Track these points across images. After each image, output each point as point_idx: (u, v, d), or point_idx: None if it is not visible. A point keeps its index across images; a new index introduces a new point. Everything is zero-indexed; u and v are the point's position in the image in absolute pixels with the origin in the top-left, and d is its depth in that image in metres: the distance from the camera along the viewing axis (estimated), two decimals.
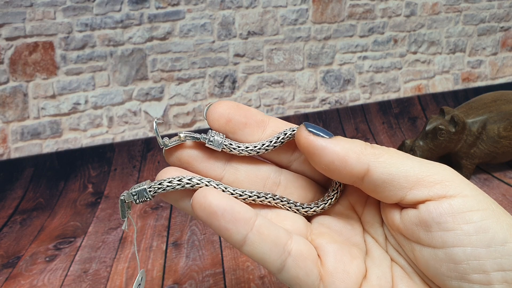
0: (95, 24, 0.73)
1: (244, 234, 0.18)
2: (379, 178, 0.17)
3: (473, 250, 0.15)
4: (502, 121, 0.57)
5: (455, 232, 0.16)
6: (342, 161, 0.17)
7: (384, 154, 0.18)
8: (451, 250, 0.16)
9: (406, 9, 0.87)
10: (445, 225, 0.16)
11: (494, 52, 0.95)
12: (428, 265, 0.17)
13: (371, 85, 0.89)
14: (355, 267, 0.19)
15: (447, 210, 0.16)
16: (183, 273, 0.44)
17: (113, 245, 0.50)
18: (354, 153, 0.17)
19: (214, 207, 0.18)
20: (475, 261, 0.15)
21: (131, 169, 0.73)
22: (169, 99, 0.80)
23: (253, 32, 0.81)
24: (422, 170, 0.17)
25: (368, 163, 0.17)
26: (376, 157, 0.17)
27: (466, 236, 0.16)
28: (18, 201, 0.64)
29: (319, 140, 0.18)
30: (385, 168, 0.17)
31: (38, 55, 0.72)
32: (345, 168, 0.18)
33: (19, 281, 0.45)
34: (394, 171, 0.17)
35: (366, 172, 0.17)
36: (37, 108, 0.73)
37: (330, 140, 0.18)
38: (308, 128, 0.18)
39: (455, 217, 0.16)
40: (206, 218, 0.18)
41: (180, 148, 0.21)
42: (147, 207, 0.60)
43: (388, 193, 0.18)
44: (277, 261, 0.18)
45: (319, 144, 0.18)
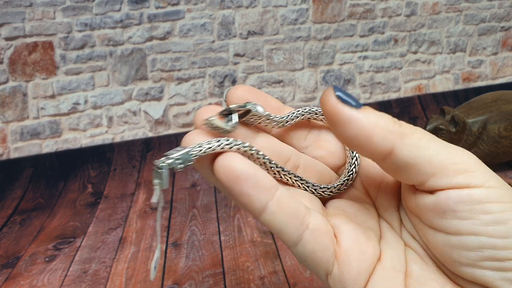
0: (95, 24, 0.73)
1: (265, 202, 0.18)
2: (402, 160, 0.17)
3: (489, 239, 0.15)
4: (503, 121, 0.57)
5: (471, 221, 0.16)
6: (367, 138, 0.17)
7: (411, 135, 0.17)
8: (465, 238, 0.16)
9: (407, 8, 0.87)
10: (461, 213, 0.16)
11: (494, 52, 0.95)
12: (440, 250, 0.17)
13: (372, 85, 0.89)
14: (371, 248, 0.18)
15: (466, 199, 0.16)
16: (183, 273, 0.44)
17: (112, 245, 0.50)
18: (381, 130, 0.17)
19: (238, 171, 0.17)
20: (490, 250, 0.15)
21: (131, 169, 0.73)
22: (169, 99, 0.80)
23: (253, 32, 0.81)
24: (447, 157, 0.16)
25: (394, 143, 0.17)
26: (403, 137, 0.17)
27: (482, 226, 0.15)
28: (18, 201, 0.64)
29: (346, 110, 0.17)
30: (409, 151, 0.17)
31: (37, 55, 0.72)
32: (369, 145, 0.17)
33: (18, 281, 0.45)
34: (418, 155, 0.16)
35: (390, 152, 0.17)
36: (36, 108, 0.73)
37: (358, 111, 0.17)
38: (337, 93, 0.17)
39: (473, 206, 0.16)
40: (229, 182, 0.17)
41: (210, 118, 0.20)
42: (147, 207, 0.60)
43: (409, 175, 0.17)
44: (295, 233, 0.18)
45: (346, 115, 0.17)
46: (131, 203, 0.61)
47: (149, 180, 0.69)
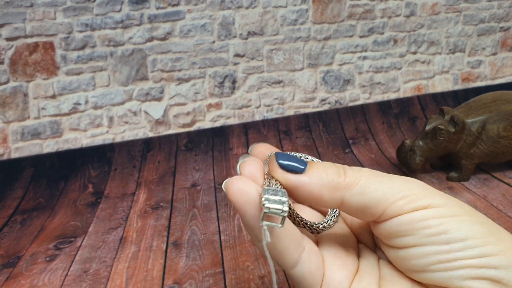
0: (95, 24, 0.73)
1: None
2: (353, 208, 0.20)
3: (432, 247, 0.18)
4: (502, 121, 0.57)
5: (413, 236, 0.18)
6: (317, 199, 0.20)
7: (356, 184, 0.19)
8: (411, 250, 0.19)
9: (406, 9, 0.87)
10: (403, 232, 0.19)
11: (493, 52, 0.95)
12: (395, 262, 0.20)
13: (371, 85, 0.89)
14: (350, 260, 0.22)
15: (406, 221, 0.19)
16: (183, 273, 0.44)
17: (113, 245, 0.50)
18: (327, 189, 0.19)
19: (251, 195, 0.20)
20: (435, 256, 0.18)
21: (131, 169, 0.73)
22: (169, 99, 0.80)
23: (253, 32, 0.81)
24: (392, 191, 0.19)
25: (342, 197, 0.19)
26: (348, 189, 0.19)
27: (425, 238, 0.18)
28: (19, 201, 0.64)
29: (292, 178, 0.19)
30: (357, 200, 0.19)
31: (38, 55, 0.72)
32: (321, 203, 0.20)
33: (19, 281, 0.45)
34: (365, 201, 0.19)
35: (341, 204, 0.20)
36: (37, 108, 0.73)
37: (303, 176, 0.19)
38: (279, 161, 0.20)
39: (413, 225, 0.18)
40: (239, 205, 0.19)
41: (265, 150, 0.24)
42: (147, 207, 0.60)
43: (364, 217, 0.20)
44: (295, 254, 0.20)
45: (293, 183, 0.19)
46: (132, 203, 0.61)
47: (149, 180, 0.69)
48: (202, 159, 0.75)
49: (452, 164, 0.61)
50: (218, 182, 0.67)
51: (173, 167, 0.73)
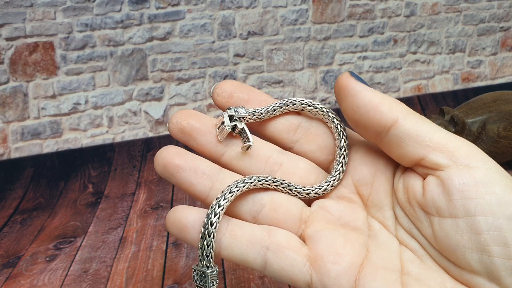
0: (95, 24, 0.73)
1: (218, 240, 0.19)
2: (405, 131, 0.17)
3: (495, 220, 0.15)
4: (502, 121, 0.57)
5: (477, 200, 0.16)
6: (374, 106, 0.18)
7: (415, 114, 0.18)
8: (473, 219, 0.16)
9: (406, 9, 0.87)
10: (467, 193, 0.16)
11: (493, 52, 0.95)
12: (448, 238, 0.17)
13: (371, 85, 0.89)
14: (349, 249, 0.18)
15: (469, 179, 0.16)
16: (183, 273, 0.44)
17: (113, 245, 0.50)
18: (388, 102, 0.18)
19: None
20: (496, 232, 0.15)
21: (131, 169, 0.73)
22: (169, 99, 0.80)
23: (253, 32, 0.81)
24: (448, 136, 0.17)
25: (399, 115, 0.17)
26: (407, 112, 0.18)
27: (488, 206, 0.15)
28: (18, 201, 0.64)
29: (359, 84, 0.18)
30: (413, 124, 0.17)
31: (38, 55, 0.72)
32: (375, 114, 0.18)
33: (19, 281, 0.45)
34: (420, 128, 0.17)
35: (395, 123, 0.17)
36: (37, 108, 0.73)
37: (368, 87, 0.18)
38: (352, 75, 0.19)
39: (478, 186, 0.16)
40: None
41: (186, 118, 0.21)
42: (147, 207, 0.60)
43: (410, 148, 0.17)
44: (258, 258, 0.19)
45: (358, 87, 0.18)
46: (132, 203, 0.61)
47: (149, 180, 0.69)
48: None
49: None
50: None
51: None
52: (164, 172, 0.20)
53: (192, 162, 0.20)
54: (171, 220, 0.20)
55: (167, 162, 0.20)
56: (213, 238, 0.18)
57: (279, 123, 0.22)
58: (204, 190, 0.20)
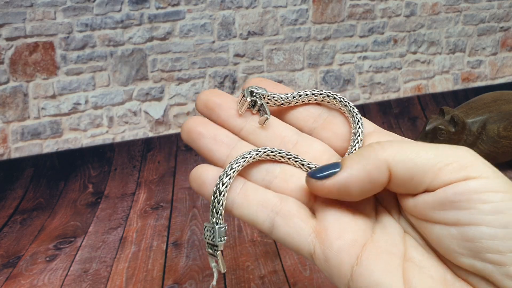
0: (95, 24, 0.73)
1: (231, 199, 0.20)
2: (400, 179, 0.17)
3: (489, 229, 0.15)
4: (502, 121, 0.57)
5: (470, 211, 0.16)
6: (367, 180, 0.17)
7: (399, 151, 0.17)
8: (464, 228, 0.16)
9: (406, 9, 0.87)
10: (459, 204, 0.16)
11: (494, 52, 0.95)
12: (440, 242, 0.17)
13: (371, 85, 0.89)
14: (354, 226, 0.19)
15: (463, 190, 0.16)
16: (183, 273, 0.44)
17: (113, 245, 0.50)
18: (372, 165, 0.17)
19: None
20: (490, 241, 0.15)
21: (131, 169, 0.73)
22: (169, 99, 0.80)
23: (253, 32, 0.81)
24: (439, 157, 0.17)
25: (387, 166, 0.17)
26: (393, 156, 0.17)
27: (481, 215, 0.15)
28: (19, 201, 0.64)
29: (333, 182, 0.18)
30: (404, 168, 0.17)
31: (38, 55, 0.72)
32: (371, 186, 0.18)
33: (19, 281, 0.45)
34: (413, 167, 0.17)
35: (388, 176, 0.17)
36: (37, 108, 0.73)
37: (342, 172, 0.18)
38: (315, 175, 0.18)
39: (471, 196, 0.16)
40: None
41: (210, 95, 0.23)
42: (147, 207, 0.60)
43: (412, 188, 0.17)
44: (266, 220, 0.19)
45: (338, 185, 0.18)
46: (132, 203, 0.61)
47: (149, 180, 0.69)
48: (202, 159, 0.75)
49: None
50: None
51: (173, 167, 0.73)
52: (187, 138, 0.22)
53: (213, 131, 0.22)
54: (193, 175, 0.21)
55: (191, 129, 0.22)
56: (223, 196, 0.20)
57: (299, 111, 0.24)
58: (221, 157, 0.22)
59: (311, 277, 0.42)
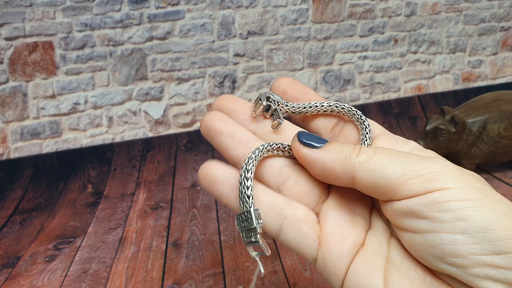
0: (95, 24, 0.73)
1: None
2: (364, 186, 0.19)
3: (449, 235, 0.16)
4: (502, 121, 0.57)
5: (431, 220, 0.17)
6: (331, 173, 0.19)
7: (368, 161, 0.19)
8: (426, 236, 0.17)
9: (406, 9, 0.87)
10: (420, 213, 0.17)
11: (494, 52, 0.95)
12: (410, 247, 0.18)
13: (371, 85, 0.89)
14: (355, 234, 0.20)
15: (424, 201, 0.17)
16: (183, 273, 0.44)
17: (112, 245, 0.50)
18: (340, 163, 0.19)
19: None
20: (450, 246, 0.16)
21: (131, 169, 0.73)
22: (169, 99, 0.80)
23: (253, 32, 0.81)
24: (404, 170, 0.18)
25: (353, 173, 0.19)
26: (360, 166, 0.19)
27: (441, 223, 0.16)
28: (18, 201, 0.64)
29: (309, 152, 0.20)
30: (368, 177, 0.18)
31: (37, 55, 0.72)
32: (334, 178, 0.20)
33: (18, 281, 0.45)
34: (376, 178, 0.18)
35: (352, 181, 0.19)
36: (36, 108, 0.73)
37: (319, 150, 0.20)
38: (300, 138, 0.20)
39: (431, 207, 0.17)
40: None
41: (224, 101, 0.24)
42: (147, 207, 0.60)
43: (376, 195, 0.19)
44: (274, 224, 0.20)
45: (309, 157, 0.20)
46: (131, 203, 0.61)
47: (149, 180, 0.69)
48: (202, 159, 0.75)
49: None
50: None
51: (172, 167, 0.73)
52: (206, 134, 0.23)
53: (231, 128, 0.22)
54: (203, 173, 0.21)
55: (210, 126, 0.22)
56: (251, 181, 0.20)
57: (320, 120, 0.25)
58: (237, 155, 0.22)
59: (311, 277, 0.42)
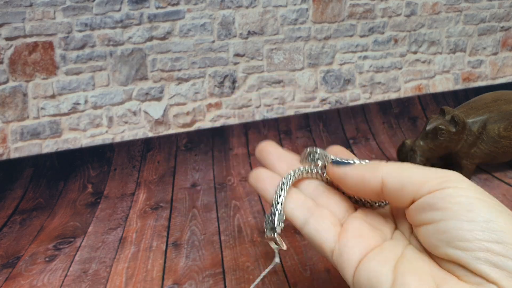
0: (95, 24, 0.73)
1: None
2: (392, 187, 0.22)
3: (457, 222, 0.19)
4: (503, 121, 0.57)
5: (443, 210, 0.20)
6: (361, 179, 0.23)
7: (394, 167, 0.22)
8: (439, 224, 0.20)
9: (406, 8, 0.87)
10: (436, 205, 0.20)
11: (494, 52, 0.95)
12: (424, 240, 0.21)
13: (371, 85, 0.89)
14: (371, 237, 0.23)
15: (439, 195, 0.20)
16: (183, 273, 0.44)
17: (112, 245, 0.50)
18: (368, 170, 0.23)
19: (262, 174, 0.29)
20: (459, 231, 0.19)
21: (131, 169, 0.73)
22: (169, 99, 0.80)
23: (253, 32, 0.81)
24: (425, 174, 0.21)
25: (381, 176, 0.22)
26: (389, 170, 0.22)
27: (452, 213, 0.19)
28: (18, 201, 0.64)
29: (342, 168, 0.24)
30: (396, 178, 0.22)
31: (37, 55, 0.72)
32: (364, 185, 0.23)
33: (18, 281, 0.45)
34: (404, 177, 0.22)
35: (382, 184, 0.22)
36: (36, 108, 0.73)
37: (350, 165, 0.24)
38: (334, 163, 0.25)
39: (445, 199, 0.20)
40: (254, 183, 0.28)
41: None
42: (147, 207, 0.60)
43: (403, 198, 0.22)
44: (301, 217, 0.25)
45: (342, 171, 0.24)
46: (131, 203, 0.61)
47: (149, 180, 0.69)
48: (202, 159, 0.75)
49: (453, 164, 0.61)
50: (218, 182, 0.67)
51: (173, 167, 0.73)
52: (259, 155, 0.29)
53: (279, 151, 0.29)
54: (252, 174, 0.28)
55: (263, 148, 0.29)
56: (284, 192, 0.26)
57: None
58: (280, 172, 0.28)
59: (311, 277, 0.42)
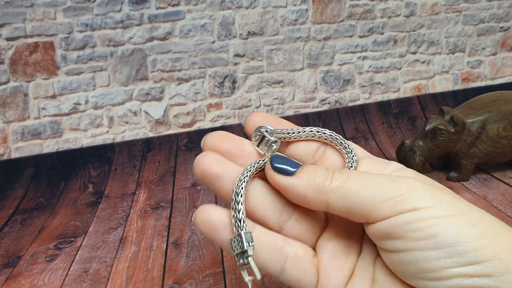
0: (96, 24, 0.73)
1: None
2: (339, 211, 0.19)
3: (421, 253, 0.17)
4: (502, 121, 0.57)
5: (404, 239, 0.18)
6: (305, 201, 0.20)
7: (341, 188, 0.19)
8: (401, 254, 0.18)
9: (406, 9, 0.87)
10: (394, 234, 0.18)
11: (493, 52, 0.95)
12: (389, 265, 0.19)
13: (371, 85, 0.89)
14: (349, 263, 0.21)
15: (395, 223, 0.18)
16: (183, 272, 0.44)
17: (113, 245, 0.50)
18: (313, 191, 0.20)
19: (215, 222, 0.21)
20: (424, 262, 0.17)
21: (131, 169, 0.73)
22: (169, 99, 0.80)
23: (253, 32, 0.81)
24: (376, 194, 0.19)
25: (326, 200, 0.19)
26: (333, 193, 0.19)
27: (414, 242, 0.17)
28: (19, 201, 0.64)
29: (283, 180, 0.20)
30: (341, 204, 0.19)
31: (38, 55, 0.72)
32: (308, 206, 0.20)
33: (19, 280, 0.45)
34: (350, 204, 0.19)
35: (327, 207, 0.20)
36: (37, 108, 0.74)
37: (293, 178, 0.20)
38: (273, 163, 0.20)
39: (403, 227, 0.18)
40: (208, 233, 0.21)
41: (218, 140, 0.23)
42: (147, 206, 0.60)
43: (354, 219, 0.19)
44: (277, 264, 0.21)
45: (283, 184, 0.20)
46: (132, 203, 0.61)
47: (149, 180, 0.69)
48: None
49: (452, 164, 0.61)
50: None
51: (173, 167, 0.73)
52: (203, 179, 0.21)
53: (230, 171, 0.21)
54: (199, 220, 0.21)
55: (206, 171, 0.21)
56: (241, 204, 0.20)
57: (302, 145, 0.25)
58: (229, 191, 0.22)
59: None
